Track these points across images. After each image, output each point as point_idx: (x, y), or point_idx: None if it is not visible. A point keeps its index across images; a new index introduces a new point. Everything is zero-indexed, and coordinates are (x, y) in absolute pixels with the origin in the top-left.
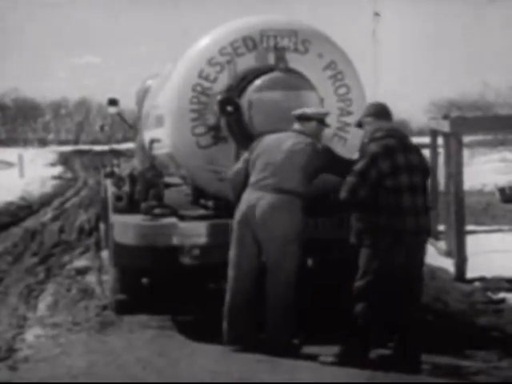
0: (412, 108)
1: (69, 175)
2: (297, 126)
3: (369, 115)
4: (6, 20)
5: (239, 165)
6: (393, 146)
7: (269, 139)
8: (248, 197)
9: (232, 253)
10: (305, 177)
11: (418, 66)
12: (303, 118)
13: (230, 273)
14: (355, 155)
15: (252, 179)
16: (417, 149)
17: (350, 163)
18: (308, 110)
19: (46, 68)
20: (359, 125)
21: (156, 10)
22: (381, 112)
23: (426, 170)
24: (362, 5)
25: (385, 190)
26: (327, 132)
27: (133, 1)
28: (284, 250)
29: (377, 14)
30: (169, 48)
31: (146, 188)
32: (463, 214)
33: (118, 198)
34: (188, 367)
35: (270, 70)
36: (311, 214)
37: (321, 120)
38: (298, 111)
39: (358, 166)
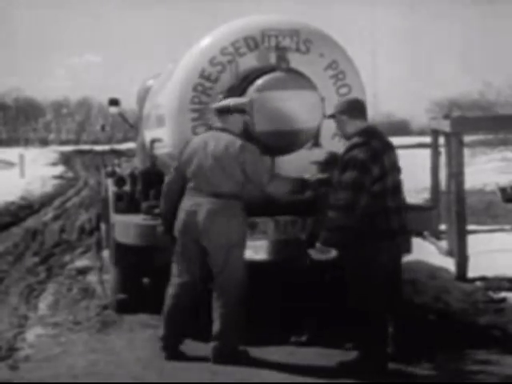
0: (413, 108)
1: (70, 175)
2: (218, 123)
3: (343, 113)
4: (6, 20)
5: (171, 175)
6: (379, 149)
7: (195, 143)
8: (186, 204)
9: (175, 260)
10: (239, 178)
11: (418, 65)
12: (225, 111)
13: (172, 280)
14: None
15: (188, 186)
16: (393, 146)
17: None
18: (228, 102)
19: (47, 68)
20: (332, 116)
21: (157, 9)
22: (356, 110)
23: (399, 167)
24: (362, 5)
25: (372, 195)
26: (328, 131)
27: (134, 0)
28: (228, 255)
29: None
30: (170, 48)
31: (147, 188)
32: (464, 213)
33: (119, 198)
34: (188, 366)
35: (272, 69)
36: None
37: (242, 110)
38: (218, 104)
39: (348, 177)
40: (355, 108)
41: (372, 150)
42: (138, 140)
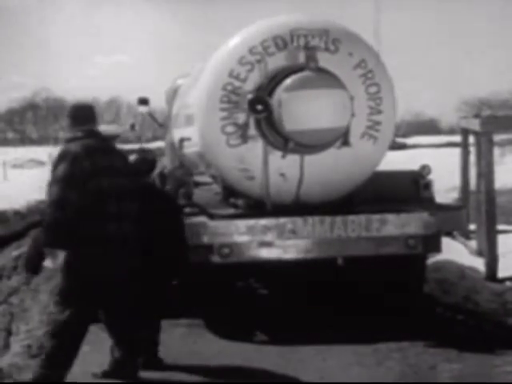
0: (442, 107)
1: None
2: None
3: (67, 116)
4: (35, 20)
5: None
6: (93, 146)
7: None
8: None
9: None
10: None
11: (448, 64)
12: None
13: None
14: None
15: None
16: (121, 152)
17: None
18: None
19: (76, 67)
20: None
21: (186, 8)
22: (77, 116)
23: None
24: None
25: (87, 194)
26: (357, 130)
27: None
28: None
29: None
30: (199, 47)
31: (176, 187)
32: (494, 213)
33: None
34: (218, 365)
35: (301, 69)
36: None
37: None
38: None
39: (59, 171)
40: (76, 113)
41: (85, 145)
42: (166, 139)
